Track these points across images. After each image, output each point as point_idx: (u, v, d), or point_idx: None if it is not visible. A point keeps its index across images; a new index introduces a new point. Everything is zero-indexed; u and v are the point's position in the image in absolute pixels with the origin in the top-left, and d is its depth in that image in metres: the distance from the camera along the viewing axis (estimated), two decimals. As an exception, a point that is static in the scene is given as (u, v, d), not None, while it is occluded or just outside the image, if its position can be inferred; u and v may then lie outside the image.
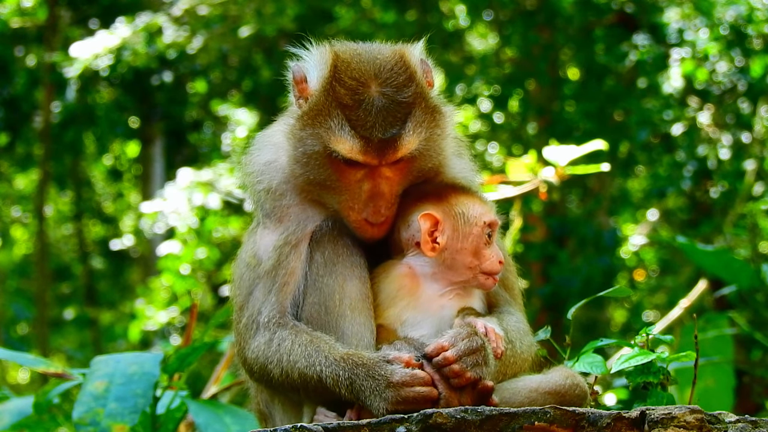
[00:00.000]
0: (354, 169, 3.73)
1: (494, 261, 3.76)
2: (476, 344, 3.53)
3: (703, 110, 14.45)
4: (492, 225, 3.79)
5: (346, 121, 3.67)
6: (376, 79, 3.71)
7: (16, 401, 5.34)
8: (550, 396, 3.67)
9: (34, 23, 17.73)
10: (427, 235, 3.74)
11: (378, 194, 3.73)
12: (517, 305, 4.00)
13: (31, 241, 21.88)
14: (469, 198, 3.82)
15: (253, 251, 3.88)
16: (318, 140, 3.71)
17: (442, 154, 3.86)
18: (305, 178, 3.80)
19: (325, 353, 3.59)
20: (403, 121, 3.68)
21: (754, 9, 13.60)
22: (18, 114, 18.23)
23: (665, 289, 16.04)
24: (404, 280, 3.78)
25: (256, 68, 17.22)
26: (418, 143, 3.72)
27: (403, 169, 3.76)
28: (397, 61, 3.77)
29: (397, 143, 3.68)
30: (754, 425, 3.33)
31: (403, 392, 3.45)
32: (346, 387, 3.53)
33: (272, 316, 3.74)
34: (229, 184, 14.14)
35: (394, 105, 3.68)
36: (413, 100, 3.72)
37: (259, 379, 3.80)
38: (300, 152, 3.77)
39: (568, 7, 14.77)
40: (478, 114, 15.28)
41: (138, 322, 14.07)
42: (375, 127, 3.66)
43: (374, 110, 3.66)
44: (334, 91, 3.70)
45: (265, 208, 3.91)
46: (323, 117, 3.71)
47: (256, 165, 3.98)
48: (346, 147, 3.67)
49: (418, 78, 3.76)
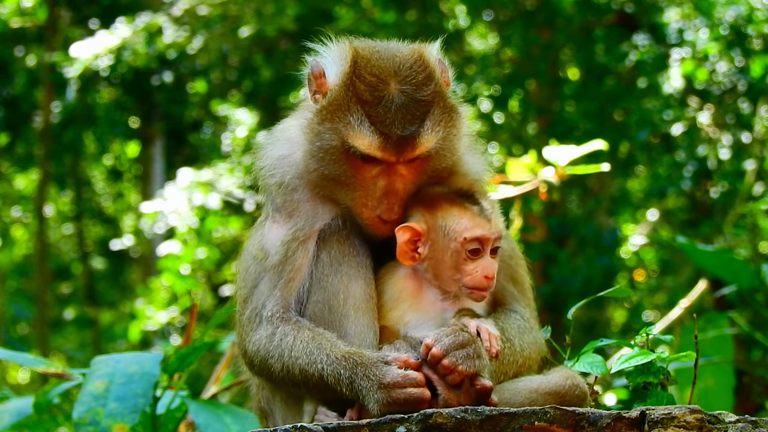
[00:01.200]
0: (370, 166, 3.73)
1: (477, 277, 3.69)
2: (462, 338, 3.52)
3: (703, 110, 14.45)
4: (479, 240, 3.70)
5: (365, 117, 3.68)
6: (395, 76, 3.72)
7: (16, 401, 5.34)
8: (550, 397, 3.67)
9: (34, 23, 17.73)
10: (404, 246, 3.72)
11: (392, 191, 3.73)
12: (526, 300, 3.99)
13: (31, 241, 21.88)
14: (459, 210, 3.75)
15: (260, 244, 3.88)
16: (336, 135, 3.72)
17: (456, 153, 3.86)
18: (320, 173, 3.79)
19: (327, 351, 3.59)
20: (422, 119, 3.70)
21: (754, 9, 13.59)
22: (18, 114, 18.24)
23: (665, 289, 16.03)
24: (407, 283, 3.77)
25: (256, 68, 17.22)
26: (436, 142, 3.73)
27: (418, 168, 3.76)
28: (417, 59, 3.78)
29: (415, 141, 3.68)
30: (754, 425, 3.33)
31: (394, 394, 3.44)
32: (346, 386, 3.53)
33: (276, 310, 3.74)
34: (229, 184, 14.15)
35: (413, 103, 3.69)
36: (432, 98, 3.73)
37: (259, 373, 3.80)
38: (317, 147, 3.77)
39: (568, 7, 14.77)
40: (478, 114, 15.29)
41: (138, 322, 14.07)
42: (394, 124, 3.67)
43: (394, 107, 3.67)
44: (353, 86, 3.71)
45: (276, 202, 3.91)
46: (342, 112, 3.71)
47: (269, 159, 3.98)
48: (365, 143, 3.68)
49: (436, 77, 3.78)
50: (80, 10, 18.65)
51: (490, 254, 3.72)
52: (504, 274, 3.93)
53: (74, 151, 19.57)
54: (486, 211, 3.75)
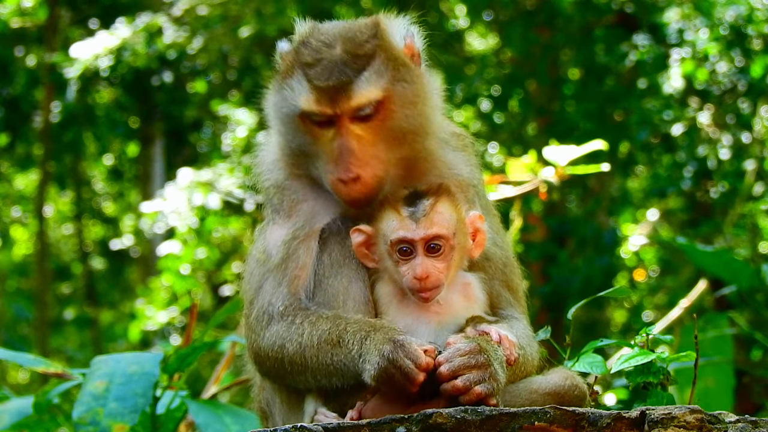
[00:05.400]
0: (324, 129, 3.73)
1: (408, 278, 3.65)
2: (476, 361, 3.45)
3: (703, 110, 14.45)
4: (404, 242, 3.65)
5: (304, 77, 3.72)
6: (341, 39, 3.76)
7: (16, 401, 5.34)
8: (550, 397, 3.67)
9: (34, 23, 17.73)
10: (358, 248, 3.74)
11: (346, 150, 3.69)
12: (521, 308, 3.97)
13: (31, 241, 21.88)
14: (390, 211, 3.71)
15: (262, 247, 3.88)
16: (286, 102, 3.78)
17: (421, 117, 3.79)
18: (291, 150, 3.83)
19: (355, 317, 3.63)
20: (360, 70, 3.70)
21: (754, 9, 13.59)
22: (18, 114, 18.24)
23: (665, 289, 16.03)
24: (390, 287, 3.76)
25: (256, 68, 17.22)
26: (379, 93, 3.69)
27: (374, 128, 3.72)
28: (368, 23, 3.82)
29: (350, 89, 3.67)
30: (754, 425, 3.33)
31: (396, 354, 3.41)
32: (359, 342, 3.52)
33: (289, 303, 3.73)
34: (229, 184, 14.14)
35: (351, 58, 3.72)
36: (373, 51, 3.73)
37: (271, 366, 3.74)
38: (278, 120, 3.84)
39: (568, 7, 14.77)
40: (478, 114, 15.29)
41: (138, 322, 14.06)
42: (330, 78, 3.68)
43: (331, 65, 3.70)
44: (298, 53, 3.78)
45: (274, 204, 3.92)
46: (288, 78, 3.77)
47: (264, 164, 4.01)
48: (303, 99, 3.71)
49: (383, 34, 3.78)
50: (80, 10, 18.66)
51: (427, 254, 3.66)
52: (499, 282, 3.91)
53: (74, 151, 19.57)
54: (419, 212, 3.68)
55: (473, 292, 3.81)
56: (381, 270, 3.76)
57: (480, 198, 4.00)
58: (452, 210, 3.73)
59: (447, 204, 3.72)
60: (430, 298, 3.67)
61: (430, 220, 3.67)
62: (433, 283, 3.64)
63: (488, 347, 3.52)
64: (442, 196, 3.73)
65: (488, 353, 3.49)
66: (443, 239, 3.67)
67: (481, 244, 3.82)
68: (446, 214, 3.70)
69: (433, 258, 3.66)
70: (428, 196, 3.71)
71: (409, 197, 3.72)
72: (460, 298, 3.78)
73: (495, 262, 3.90)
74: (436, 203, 3.70)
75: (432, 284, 3.64)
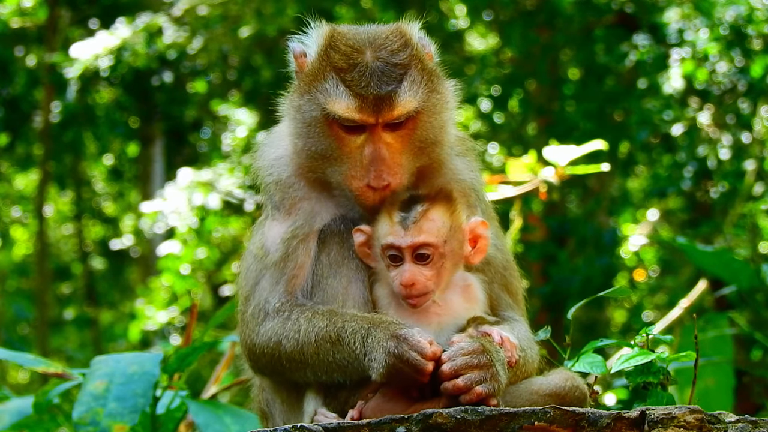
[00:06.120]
0: (354, 135, 3.73)
1: (396, 284, 3.65)
2: (479, 361, 3.46)
3: (703, 110, 14.45)
4: (393, 248, 3.65)
5: (341, 82, 3.70)
6: (370, 45, 3.75)
7: (16, 401, 5.34)
8: (550, 398, 3.67)
9: (34, 23, 17.73)
10: (360, 248, 3.75)
11: (379, 158, 3.70)
12: (520, 310, 3.99)
13: (31, 241, 21.88)
14: (384, 217, 3.70)
15: (260, 242, 3.88)
16: (315, 104, 3.74)
17: (443, 128, 3.83)
18: (308, 151, 3.80)
19: (351, 313, 3.63)
20: (399, 80, 3.70)
21: (754, 9, 13.58)
22: (18, 114, 18.23)
23: (665, 289, 16.03)
24: (390, 286, 3.75)
25: (256, 68, 17.23)
26: (417, 103, 3.72)
27: (404, 137, 3.75)
28: (393, 31, 3.82)
29: (393, 100, 3.68)
30: (754, 425, 3.33)
31: (401, 348, 3.42)
32: (360, 340, 3.52)
33: (284, 301, 3.73)
34: (229, 184, 14.14)
35: (389, 66, 3.71)
36: (409, 62, 3.74)
37: (267, 363, 3.75)
38: (299, 122, 3.80)
39: (568, 7, 14.77)
40: (478, 114, 15.29)
41: (138, 322, 14.07)
42: (370, 85, 3.67)
43: (368, 71, 3.69)
44: (328, 57, 3.75)
45: (275, 200, 3.92)
46: (318, 81, 3.74)
47: (267, 160, 4.01)
48: (342, 106, 3.69)
49: (413, 44, 3.80)
50: (80, 10, 18.66)
51: (415, 261, 3.65)
52: (499, 284, 3.92)
53: (74, 151, 19.57)
54: (409, 219, 3.66)
55: (474, 294, 3.81)
56: (379, 271, 3.77)
57: (481, 202, 4.01)
58: (446, 217, 3.71)
59: (441, 211, 3.70)
60: (418, 304, 3.67)
61: (419, 227, 3.66)
62: (419, 290, 3.64)
63: (491, 348, 3.53)
64: (438, 202, 3.71)
65: (491, 354, 3.49)
66: (432, 247, 3.65)
67: (483, 250, 3.81)
68: (438, 221, 3.69)
69: (422, 265, 3.65)
70: (423, 202, 3.70)
71: (405, 202, 3.72)
72: (461, 299, 3.78)
73: (495, 265, 3.91)
74: (428, 210, 3.68)
75: (418, 291, 3.64)
